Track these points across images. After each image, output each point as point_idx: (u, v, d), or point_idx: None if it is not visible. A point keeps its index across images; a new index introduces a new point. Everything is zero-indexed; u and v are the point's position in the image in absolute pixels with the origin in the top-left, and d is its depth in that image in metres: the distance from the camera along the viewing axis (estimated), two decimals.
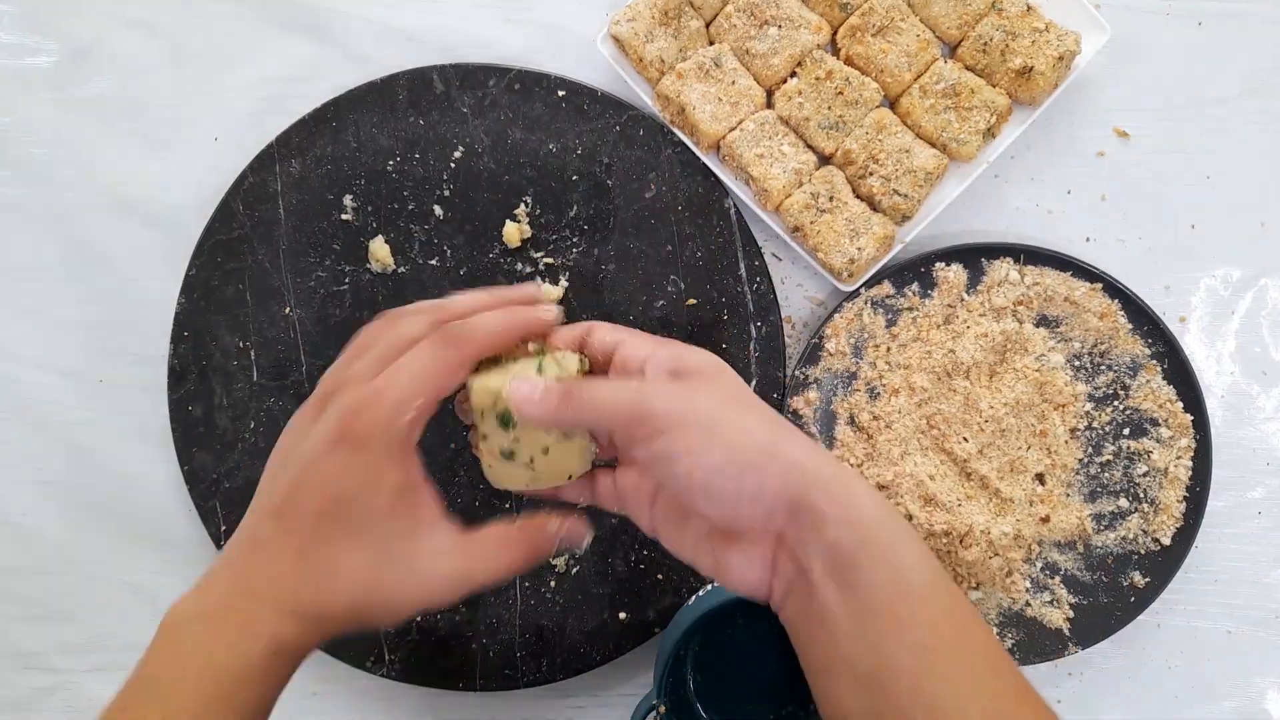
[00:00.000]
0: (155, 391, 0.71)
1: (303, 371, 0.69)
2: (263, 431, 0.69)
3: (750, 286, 0.68)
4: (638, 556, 0.68)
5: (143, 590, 0.72)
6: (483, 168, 0.69)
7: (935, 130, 0.66)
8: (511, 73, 0.69)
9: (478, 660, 0.68)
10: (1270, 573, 0.70)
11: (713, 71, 0.66)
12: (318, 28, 0.72)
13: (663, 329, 0.68)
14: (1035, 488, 0.67)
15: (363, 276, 0.69)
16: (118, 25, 0.72)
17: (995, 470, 0.67)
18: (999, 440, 0.67)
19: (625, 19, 0.67)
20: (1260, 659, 0.70)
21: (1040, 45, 0.65)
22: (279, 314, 0.69)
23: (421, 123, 0.69)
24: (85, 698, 0.72)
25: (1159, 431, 0.67)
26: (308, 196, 0.69)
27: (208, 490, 0.69)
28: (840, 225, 0.66)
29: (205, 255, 0.69)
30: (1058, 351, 0.67)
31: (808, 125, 0.67)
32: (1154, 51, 0.71)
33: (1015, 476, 0.67)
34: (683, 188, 0.69)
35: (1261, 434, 0.70)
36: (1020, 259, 0.68)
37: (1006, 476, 0.67)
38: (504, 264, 0.69)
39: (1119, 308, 0.67)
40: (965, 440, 0.67)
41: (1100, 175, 0.71)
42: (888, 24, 0.66)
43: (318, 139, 0.69)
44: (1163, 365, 0.67)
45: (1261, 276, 0.71)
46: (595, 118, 0.69)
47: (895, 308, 0.68)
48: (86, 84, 0.72)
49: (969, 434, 0.67)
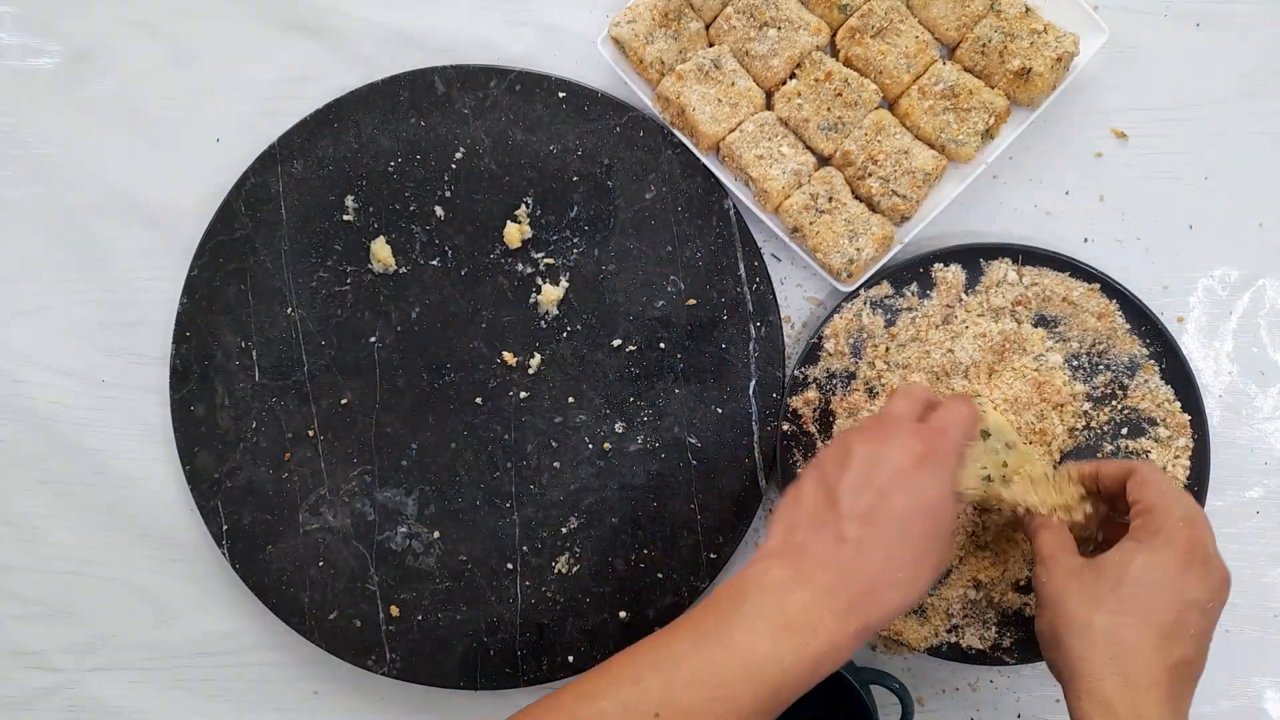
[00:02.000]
0: (157, 391, 0.71)
1: (304, 371, 0.69)
2: (264, 431, 0.69)
3: (750, 287, 0.69)
4: (638, 556, 0.68)
5: (144, 590, 0.72)
6: (484, 169, 0.69)
7: (934, 131, 0.66)
8: (512, 74, 0.69)
9: (478, 659, 0.68)
10: (1268, 572, 0.70)
11: (712, 73, 0.67)
12: (319, 29, 0.72)
13: (663, 329, 0.69)
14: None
15: (364, 277, 0.69)
16: (120, 26, 0.72)
17: None
18: None
19: (625, 21, 0.67)
20: (1259, 658, 0.70)
21: (1038, 47, 0.65)
22: (281, 314, 0.69)
23: (423, 124, 0.69)
24: (86, 697, 0.72)
25: (1157, 431, 0.67)
26: (309, 197, 0.69)
27: (209, 490, 0.69)
28: (839, 226, 0.66)
29: (207, 256, 0.69)
30: (1056, 351, 0.67)
31: (807, 126, 0.67)
32: (1152, 53, 0.71)
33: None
34: (683, 188, 0.69)
35: (1259, 434, 0.71)
36: (1019, 259, 0.68)
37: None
38: (504, 264, 0.69)
39: (1117, 308, 0.68)
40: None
41: (1098, 176, 0.71)
42: (887, 26, 0.66)
43: (319, 140, 0.69)
44: (1161, 365, 0.68)
45: (1259, 277, 0.71)
46: (595, 119, 0.69)
47: (894, 308, 0.69)
48: (89, 85, 0.73)
49: None
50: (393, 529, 0.69)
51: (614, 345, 0.69)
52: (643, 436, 0.68)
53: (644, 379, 0.69)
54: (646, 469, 0.68)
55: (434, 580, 0.68)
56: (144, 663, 0.72)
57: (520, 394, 0.69)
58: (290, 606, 0.68)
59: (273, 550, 0.68)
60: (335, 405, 0.69)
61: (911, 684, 0.68)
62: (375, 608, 0.68)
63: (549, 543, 0.68)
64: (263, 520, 0.69)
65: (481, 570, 0.68)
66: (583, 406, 0.69)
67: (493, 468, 0.69)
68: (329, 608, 0.68)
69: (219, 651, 0.72)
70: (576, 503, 0.68)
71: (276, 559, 0.68)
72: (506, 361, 0.69)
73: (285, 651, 0.72)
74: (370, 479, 0.69)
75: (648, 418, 0.69)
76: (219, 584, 0.72)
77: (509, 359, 0.69)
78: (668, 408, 0.68)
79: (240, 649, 0.72)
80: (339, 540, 0.68)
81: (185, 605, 0.72)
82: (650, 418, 0.69)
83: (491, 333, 0.69)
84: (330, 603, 0.68)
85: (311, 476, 0.69)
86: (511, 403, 0.69)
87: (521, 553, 0.68)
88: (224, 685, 0.72)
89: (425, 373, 0.69)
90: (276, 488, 0.69)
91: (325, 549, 0.68)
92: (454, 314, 0.69)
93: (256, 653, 0.72)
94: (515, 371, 0.69)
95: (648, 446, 0.68)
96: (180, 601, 0.72)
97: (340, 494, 0.69)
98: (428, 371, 0.69)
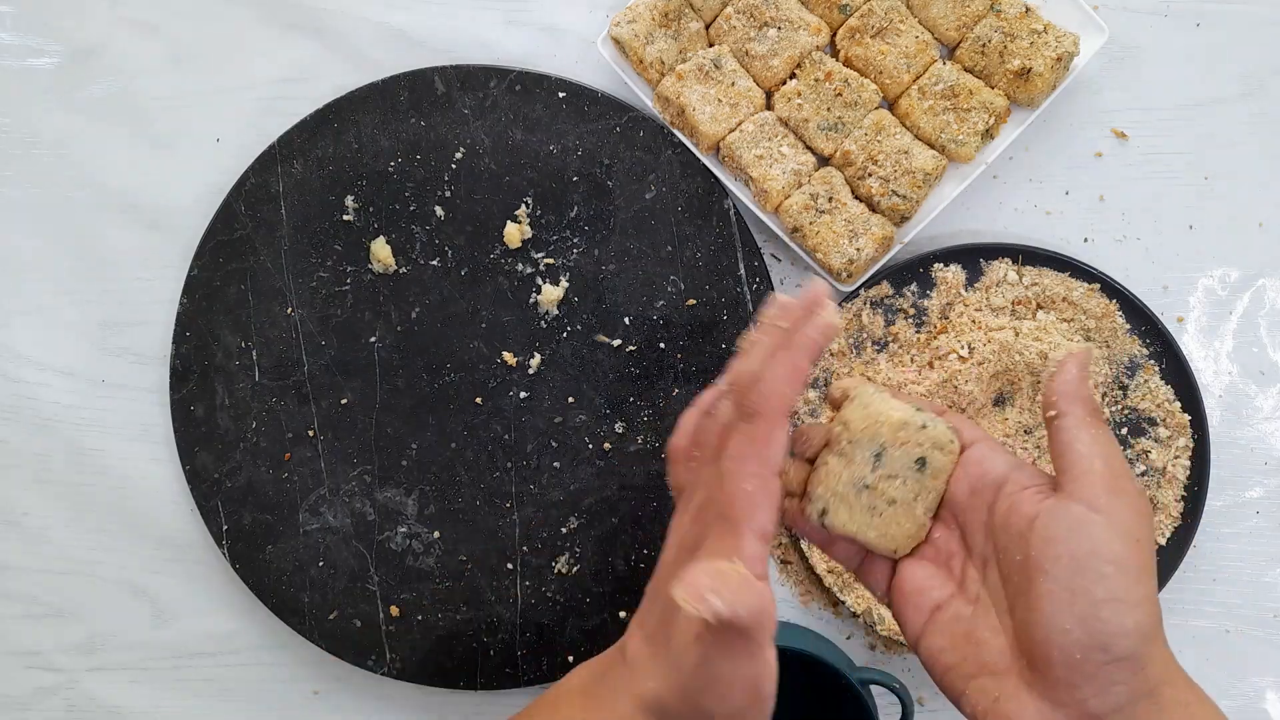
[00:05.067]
0: (157, 391, 0.71)
1: (304, 371, 0.69)
2: (264, 431, 0.69)
3: (750, 287, 0.69)
4: (638, 556, 0.68)
5: (144, 590, 0.72)
6: (483, 169, 0.69)
7: (934, 131, 0.66)
8: (512, 74, 0.69)
9: (478, 659, 0.68)
10: (1268, 572, 0.70)
11: (712, 73, 0.67)
12: (319, 29, 0.72)
13: (663, 329, 0.69)
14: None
15: (364, 277, 0.69)
16: (120, 26, 0.72)
17: None
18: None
19: (625, 21, 0.67)
20: (1259, 659, 0.70)
21: (1038, 46, 0.65)
22: (281, 314, 0.69)
23: (423, 124, 0.69)
24: (86, 697, 0.72)
25: (1157, 431, 0.67)
26: (309, 197, 0.69)
27: (209, 490, 0.69)
28: (839, 226, 0.66)
29: (207, 256, 0.69)
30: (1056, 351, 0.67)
31: (807, 126, 0.67)
32: (1152, 53, 0.71)
33: None
34: (683, 188, 0.69)
35: (1259, 434, 0.71)
36: (1019, 259, 0.68)
37: None
38: (505, 264, 0.69)
39: (1117, 308, 0.68)
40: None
41: (1098, 176, 0.71)
42: (886, 26, 0.66)
43: (319, 140, 0.69)
44: (1160, 365, 0.68)
45: (1259, 277, 0.71)
46: (595, 119, 0.69)
47: (894, 308, 0.69)
48: (88, 85, 0.72)
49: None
50: (393, 529, 0.69)
51: (614, 345, 0.69)
52: (643, 436, 0.68)
53: (644, 379, 0.69)
54: (646, 469, 0.68)
55: (434, 580, 0.68)
56: (143, 663, 0.72)
57: (520, 394, 0.69)
58: (290, 607, 0.68)
59: (273, 550, 0.68)
60: (335, 405, 0.69)
61: (911, 684, 0.68)
62: (375, 608, 0.68)
63: (549, 543, 0.68)
64: (263, 520, 0.69)
65: (481, 570, 0.68)
66: (583, 406, 0.69)
67: (493, 468, 0.69)
68: (329, 608, 0.68)
69: (219, 652, 0.72)
70: (576, 503, 0.69)
71: (276, 559, 0.68)
72: (506, 361, 0.69)
73: (285, 652, 0.72)
74: (370, 479, 0.69)
75: (648, 418, 0.69)
76: (219, 584, 0.72)
77: (509, 359, 0.69)
78: (668, 408, 0.68)
79: (240, 649, 0.72)
80: (339, 540, 0.68)
81: (185, 605, 0.72)
82: (650, 418, 0.69)
83: (491, 333, 0.69)
84: (330, 603, 0.68)
85: (311, 476, 0.69)
86: (511, 403, 0.69)
87: (521, 553, 0.68)
88: (224, 686, 0.72)
89: (425, 373, 0.69)
90: (276, 488, 0.69)
91: (325, 549, 0.68)
92: (454, 314, 0.69)
93: (256, 653, 0.72)
94: (515, 371, 0.69)
95: (648, 446, 0.68)
96: (180, 602, 0.72)
97: (340, 494, 0.69)
98: (428, 371, 0.69)
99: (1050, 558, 0.41)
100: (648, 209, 0.69)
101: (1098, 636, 0.40)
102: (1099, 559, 0.41)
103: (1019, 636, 0.43)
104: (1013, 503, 0.44)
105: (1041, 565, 0.42)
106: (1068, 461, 0.43)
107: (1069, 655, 0.40)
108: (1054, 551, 0.41)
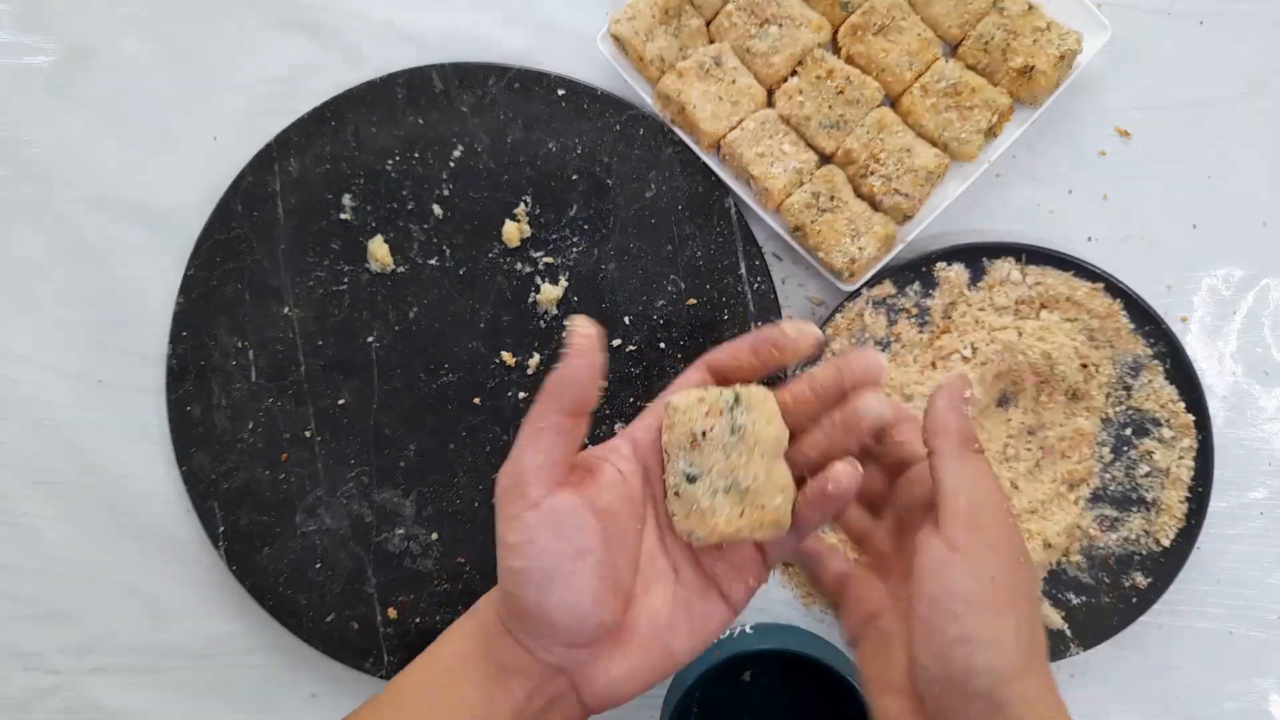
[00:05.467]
0: (154, 391, 0.71)
1: (301, 371, 0.69)
2: (261, 432, 0.68)
3: (750, 286, 0.68)
4: None
5: (141, 590, 0.72)
6: (482, 167, 0.69)
7: (936, 129, 0.66)
8: (511, 72, 0.69)
9: None
10: (1272, 573, 0.70)
11: (713, 70, 0.66)
12: (317, 27, 0.72)
13: (663, 329, 0.68)
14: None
15: (362, 276, 0.69)
16: (117, 24, 0.72)
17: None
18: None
19: (625, 18, 0.66)
20: (1263, 660, 0.70)
21: (1041, 44, 0.65)
22: (278, 314, 0.69)
23: (421, 122, 0.69)
24: (85, 698, 0.72)
25: (1161, 432, 0.67)
26: (307, 196, 0.69)
27: (206, 490, 0.68)
28: (841, 225, 0.66)
29: (204, 255, 0.69)
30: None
31: (808, 124, 0.67)
32: (1156, 51, 0.70)
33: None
34: (683, 187, 0.68)
35: (1264, 434, 0.70)
36: (1022, 258, 0.68)
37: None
38: (503, 264, 0.69)
39: (1121, 307, 0.67)
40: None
41: (1102, 175, 0.71)
42: (889, 23, 0.66)
43: (317, 138, 0.69)
44: (1164, 365, 0.67)
45: (1263, 276, 0.70)
46: (595, 117, 0.69)
47: (896, 307, 0.68)
48: (85, 84, 0.72)
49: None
50: (390, 530, 0.68)
51: (614, 345, 0.68)
52: None
53: (644, 379, 0.68)
54: None
55: (432, 582, 0.68)
56: (141, 664, 0.72)
57: (519, 394, 0.68)
58: (287, 608, 0.68)
59: (270, 552, 0.68)
60: (333, 406, 0.69)
61: None
62: (373, 610, 0.68)
63: None
64: (260, 521, 0.68)
65: (480, 572, 0.68)
66: None
67: (491, 469, 0.68)
68: (326, 610, 0.68)
69: (216, 653, 0.72)
70: None
71: (273, 560, 0.68)
72: (505, 361, 0.68)
73: (283, 654, 0.71)
74: (368, 480, 0.68)
75: None
76: (216, 586, 0.71)
77: (508, 359, 0.68)
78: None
79: (237, 651, 0.72)
80: (336, 542, 0.68)
81: (182, 607, 0.72)
82: None
83: (490, 332, 0.69)
84: (328, 605, 0.68)
85: (309, 477, 0.68)
86: (510, 403, 0.68)
87: None
88: (221, 688, 0.72)
89: (423, 373, 0.69)
90: (273, 489, 0.68)
91: (323, 551, 0.68)
92: (452, 314, 0.69)
93: (254, 655, 0.72)
94: (514, 371, 0.68)
95: None
96: (177, 603, 0.72)
97: (338, 495, 0.68)
98: (426, 372, 0.69)
99: (916, 594, 0.43)
100: (648, 208, 0.68)
101: (953, 675, 0.41)
102: (952, 598, 0.41)
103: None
104: (920, 533, 0.45)
105: (913, 600, 0.43)
106: (938, 498, 0.44)
107: (931, 690, 0.42)
108: (918, 588, 0.43)
